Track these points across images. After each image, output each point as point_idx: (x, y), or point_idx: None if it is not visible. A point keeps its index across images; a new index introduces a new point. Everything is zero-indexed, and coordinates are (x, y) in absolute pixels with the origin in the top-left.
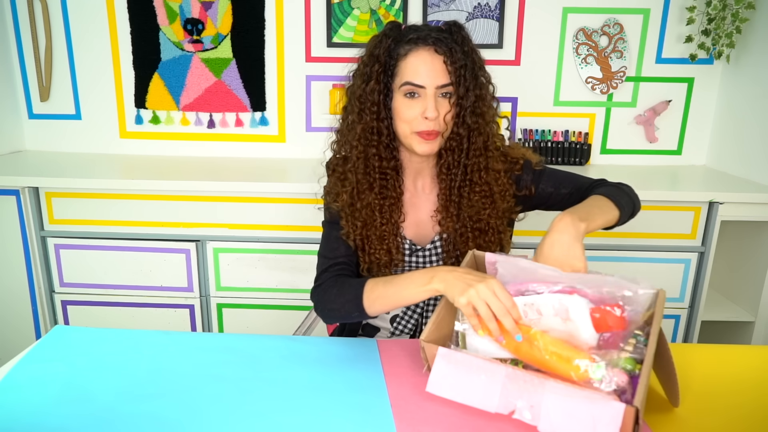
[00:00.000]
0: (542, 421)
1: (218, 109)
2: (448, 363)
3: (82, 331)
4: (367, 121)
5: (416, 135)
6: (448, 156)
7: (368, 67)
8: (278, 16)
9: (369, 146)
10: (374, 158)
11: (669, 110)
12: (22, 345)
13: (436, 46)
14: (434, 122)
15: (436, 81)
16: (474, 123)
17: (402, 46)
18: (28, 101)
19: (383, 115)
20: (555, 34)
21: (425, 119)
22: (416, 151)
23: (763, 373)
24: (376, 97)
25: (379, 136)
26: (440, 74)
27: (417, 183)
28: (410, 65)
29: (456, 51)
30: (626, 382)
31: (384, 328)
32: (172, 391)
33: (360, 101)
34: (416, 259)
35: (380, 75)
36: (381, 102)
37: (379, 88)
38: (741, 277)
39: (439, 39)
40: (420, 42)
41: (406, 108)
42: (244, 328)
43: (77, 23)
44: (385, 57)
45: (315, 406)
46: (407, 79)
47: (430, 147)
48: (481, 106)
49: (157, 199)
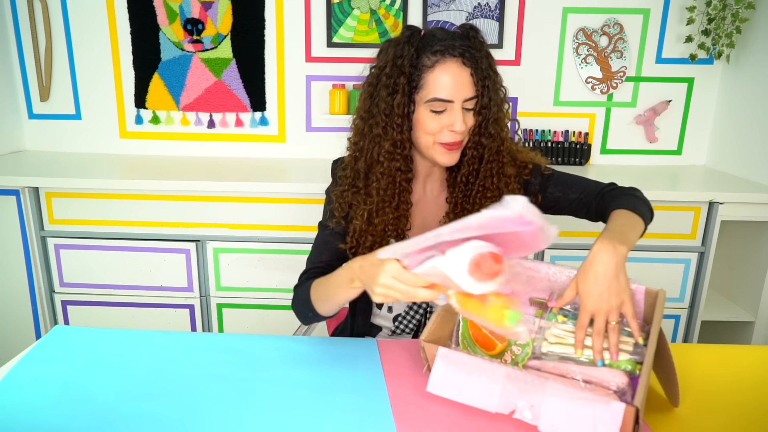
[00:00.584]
0: (542, 421)
1: (218, 109)
2: (448, 363)
3: (82, 331)
4: (393, 135)
5: (440, 146)
6: (468, 166)
7: (392, 79)
8: (278, 16)
9: (393, 161)
10: (398, 174)
11: (669, 110)
12: (22, 345)
13: (463, 57)
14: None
15: (463, 95)
16: (495, 131)
17: (428, 57)
18: (28, 101)
19: (406, 127)
20: (555, 34)
21: (452, 132)
22: (438, 161)
23: (763, 373)
24: (403, 110)
25: (403, 149)
26: (467, 87)
27: (426, 187)
28: (438, 79)
29: (481, 61)
30: (626, 383)
31: (386, 327)
32: (172, 391)
33: (386, 114)
34: None
35: (405, 87)
36: (407, 114)
37: (405, 101)
38: (741, 277)
39: (465, 49)
40: (447, 54)
41: (431, 120)
42: (244, 328)
43: (77, 23)
44: (408, 68)
45: (315, 406)
46: (434, 95)
47: (453, 158)
48: (498, 113)
49: (157, 199)
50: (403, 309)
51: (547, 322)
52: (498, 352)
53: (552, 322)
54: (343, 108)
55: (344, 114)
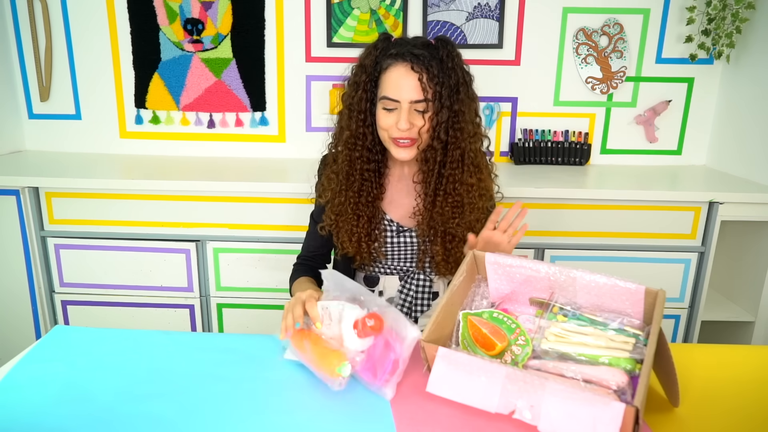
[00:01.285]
0: (542, 421)
1: (218, 109)
2: (448, 363)
3: (82, 331)
4: (354, 128)
5: (392, 142)
6: (424, 165)
7: (358, 77)
8: (278, 16)
9: (354, 150)
10: (357, 161)
11: (669, 110)
12: (22, 345)
13: (413, 63)
14: (408, 131)
15: (409, 96)
16: (452, 137)
17: (385, 60)
18: (28, 101)
19: (369, 121)
20: (555, 34)
21: (398, 128)
22: (395, 156)
23: (763, 373)
24: (363, 105)
25: (364, 140)
26: (414, 90)
27: (403, 169)
28: (388, 79)
29: (433, 68)
30: (626, 383)
31: None
32: (172, 391)
33: (349, 109)
34: (403, 239)
35: (367, 85)
36: (367, 110)
37: (366, 97)
38: (741, 277)
39: (417, 56)
40: (399, 58)
41: (384, 117)
42: (244, 328)
43: (77, 23)
44: (371, 68)
45: (315, 406)
46: (384, 94)
47: (407, 153)
48: (460, 122)
49: (157, 199)
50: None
51: (547, 321)
52: (498, 352)
53: (552, 321)
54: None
55: None
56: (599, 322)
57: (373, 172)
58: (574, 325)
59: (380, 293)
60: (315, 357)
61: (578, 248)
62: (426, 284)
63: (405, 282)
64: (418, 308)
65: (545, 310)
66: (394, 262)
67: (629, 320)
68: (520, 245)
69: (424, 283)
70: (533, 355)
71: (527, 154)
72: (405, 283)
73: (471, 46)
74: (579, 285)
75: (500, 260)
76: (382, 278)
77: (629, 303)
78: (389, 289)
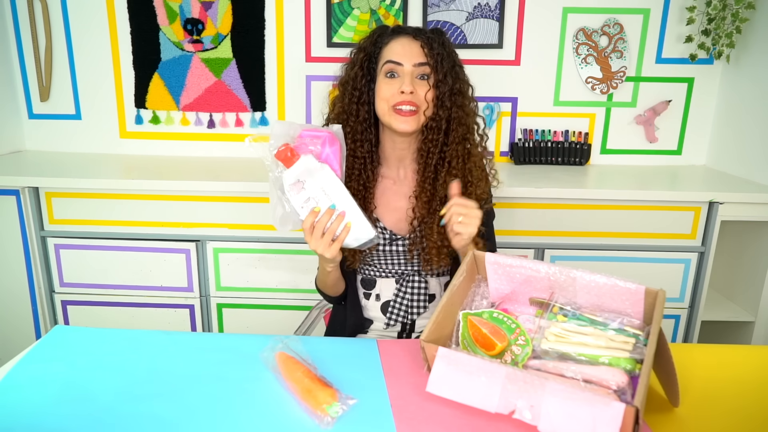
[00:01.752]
0: (542, 421)
1: (218, 109)
2: (448, 363)
3: (82, 331)
4: (346, 103)
5: (394, 113)
6: (429, 134)
7: (355, 56)
8: (278, 16)
9: (345, 125)
10: (347, 137)
11: (669, 110)
12: (22, 345)
13: (414, 35)
14: (411, 96)
15: (413, 59)
16: (454, 111)
17: (386, 37)
18: (28, 101)
19: (364, 99)
20: (555, 34)
21: (401, 93)
22: (395, 128)
23: (763, 373)
24: (359, 82)
25: (356, 116)
26: (417, 55)
27: (399, 171)
28: (391, 48)
29: (433, 41)
30: (626, 383)
31: (377, 318)
32: (172, 391)
33: (343, 86)
34: (395, 248)
35: (364, 62)
36: (362, 87)
37: (362, 73)
38: (741, 277)
39: (418, 30)
40: (401, 32)
41: (386, 86)
42: (244, 328)
43: (77, 23)
44: (370, 47)
45: None
46: (388, 58)
47: (409, 124)
48: (462, 100)
49: (157, 199)
50: (391, 296)
51: (547, 321)
52: (498, 352)
53: (552, 321)
54: None
55: None
56: (599, 322)
57: (368, 155)
58: (574, 325)
59: (377, 296)
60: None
61: (578, 248)
62: (422, 286)
63: (401, 285)
64: (415, 310)
65: (545, 310)
66: (389, 266)
67: (629, 320)
68: (520, 245)
69: (419, 285)
70: (533, 355)
71: (527, 154)
72: (401, 286)
73: (471, 46)
74: (579, 285)
75: (500, 260)
76: (378, 281)
77: (629, 303)
78: (386, 292)
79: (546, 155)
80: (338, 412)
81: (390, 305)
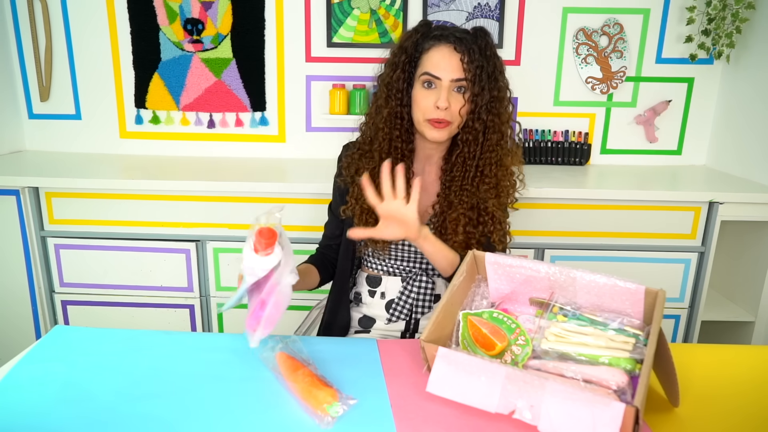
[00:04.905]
0: (542, 421)
1: (218, 109)
2: (448, 363)
3: (82, 331)
4: (393, 106)
5: (428, 122)
6: (464, 147)
7: (396, 57)
8: (278, 16)
9: (393, 129)
10: (397, 140)
11: (669, 110)
12: (22, 345)
13: (456, 44)
14: (445, 112)
15: (451, 75)
16: (490, 121)
17: (427, 41)
18: (28, 101)
19: (406, 101)
20: (555, 34)
21: (437, 108)
22: (427, 137)
23: (763, 373)
24: (401, 84)
25: (402, 120)
26: (456, 69)
27: (425, 169)
28: (431, 58)
29: (474, 52)
30: (626, 383)
31: (380, 316)
32: (172, 391)
33: (387, 88)
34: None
35: (405, 65)
36: (405, 89)
37: (404, 77)
38: (741, 277)
39: (459, 39)
40: (443, 39)
41: (423, 97)
42: (244, 328)
43: (77, 23)
44: (411, 49)
45: None
46: (426, 70)
47: (440, 135)
48: (498, 107)
49: (157, 199)
50: (396, 294)
51: (547, 321)
52: (498, 352)
53: (552, 321)
54: (343, 108)
55: (344, 114)
56: (599, 322)
57: (410, 153)
58: (574, 325)
59: (382, 294)
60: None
61: (578, 248)
62: (428, 286)
63: (407, 284)
64: (419, 310)
65: (545, 310)
66: (397, 262)
67: (629, 320)
68: (520, 245)
69: (426, 285)
70: (533, 355)
71: (527, 154)
72: (407, 285)
73: None
74: (579, 285)
75: (500, 260)
76: (384, 279)
77: (629, 303)
78: (391, 290)
79: (546, 155)
80: (338, 412)
81: (394, 303)
